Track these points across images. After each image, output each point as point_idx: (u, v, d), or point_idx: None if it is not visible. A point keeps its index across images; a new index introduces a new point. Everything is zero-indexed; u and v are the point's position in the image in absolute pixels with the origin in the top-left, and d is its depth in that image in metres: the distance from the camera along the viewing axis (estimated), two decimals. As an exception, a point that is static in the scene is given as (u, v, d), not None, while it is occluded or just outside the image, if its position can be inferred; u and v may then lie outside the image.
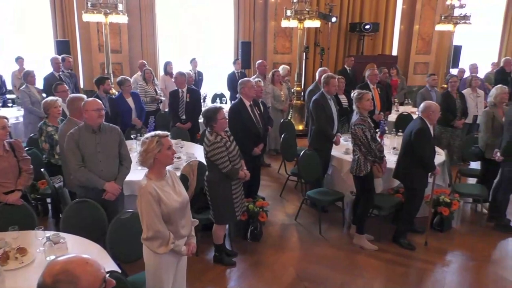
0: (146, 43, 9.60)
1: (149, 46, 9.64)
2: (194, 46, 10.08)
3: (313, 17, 8.37)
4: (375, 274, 4.25)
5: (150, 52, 9.66)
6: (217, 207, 4.02)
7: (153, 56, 9.72)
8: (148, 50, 9.63)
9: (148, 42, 9.61)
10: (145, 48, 9.61)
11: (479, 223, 5.33)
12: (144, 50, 9.62)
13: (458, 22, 9.35)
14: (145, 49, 9.62)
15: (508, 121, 4.88)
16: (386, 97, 6.96)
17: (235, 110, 4.95)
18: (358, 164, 4.46)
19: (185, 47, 10.04)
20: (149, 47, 9.64)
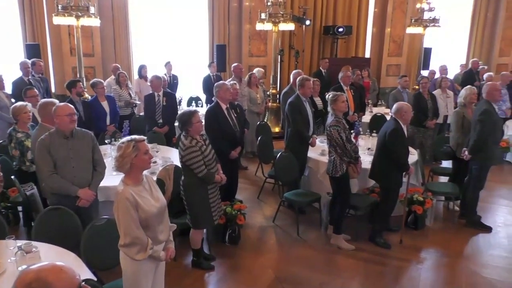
0: (119, 46, 9.45)
1: (122, 49, 9.49)
2: (168, 49, 9.99)
3: (287, 20, 8.43)
4: (353, 273, 4.30)
5: (124, 56, 9.52)
6: (193, 211, 3.99)
7: (127, 59, 9.57)
8: (122, 54, 9.49)
9: (122, 45, 9.47)
10: (118, 51, 9.46)
11: (451, 220, 5.48)
12: (117, 53, 9.47)
13: (427, 25, 9.61)
14: (118, 53, 9.46)
15: (475, 120, 5.04)
16: (359, 98, 7.08)
17: (211, 114, 4.94)
18: (334, 165, 4.51)
19: (159, 51, 9.93)
20: (122, 50, 9.49)
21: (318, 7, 10.44)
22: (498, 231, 5.21)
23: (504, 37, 12.49)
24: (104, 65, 9.34)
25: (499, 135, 5.34)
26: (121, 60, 9.31)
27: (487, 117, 4.89)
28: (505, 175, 7.24)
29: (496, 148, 5.28)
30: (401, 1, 11.07)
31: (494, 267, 4.44)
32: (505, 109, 7.88)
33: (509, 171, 7.41)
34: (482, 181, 5.18)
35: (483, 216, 5.39)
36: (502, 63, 12.58)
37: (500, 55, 12.62)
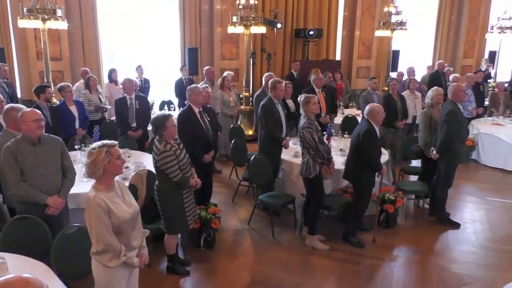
0: (88, 49, 9.25)
1: (91, 53, 9.29)
2: (139, 53, 9.85)
3: (259, 23, 8.47)
4: (328, 273, 4.35)
5: (93, 59, 9.32)
6: (168, 217, 3.94)
7: (96, 63, 9.38)
8: (91, 57, 9.28)
9: (91, 49, 9.27)
10: (87, 55, 9.26)
11: (422, 218, 5.62)
12: (86, 57, 9.26)
13: (395, 28, 9.84)
14: (87, 56, 9.26)
15: (441, 120, 5.20)
16: (331, 100, 7.18)
17: (184, 117, 4.90)
18: (307, 167, 4.56)
19: (130, 54, 9.78)
20: (91, 54, 9.29)
21: (289, 10, 10.54)
22: (466, 227, 5.38)
23: (468, 40, 12.94)
24: (73, 69, 9.12)
25: (465, 134, 5.53)
26: (90, 64, 9.12)
27: (452, 117, 5.05)
28: (471, 172, 7.49)
29: (462, 147, 5.46)
30: (369, 5, 11.31)
31: (463, 262, 4.58)
32: (471, 109, 8.17)
33: (474, 169, 7.67)
34: (450, 180, 5.34)
35: (451, 213, 5.56)
36: (466, 64, 13.03)
37: (464, 56, 13.07)
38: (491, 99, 8.92)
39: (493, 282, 4.10)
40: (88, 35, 9.17)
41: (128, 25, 9.83)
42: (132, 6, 9.73)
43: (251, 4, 8.33)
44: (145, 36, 9.99)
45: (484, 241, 5.07)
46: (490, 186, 6.85)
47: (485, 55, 12.85)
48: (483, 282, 4.18)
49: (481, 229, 5.36)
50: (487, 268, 4.46)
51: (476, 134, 7.87)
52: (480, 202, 6.20)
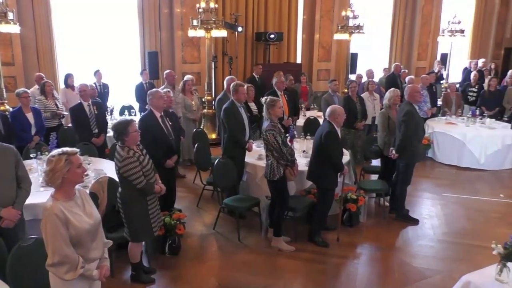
0: (42, 54, 8.90)
1: (46, 58, 8.94)
2: (97, 57, 9.59)
3: (220, 26, 8.47)
4: (295, 274, 4.39)
5: (48, 64, 8.97)
6: (132, 224, 3.85)
7: (52, 68, 9.04)
8: (46, 62, 8.93)
9: (45, 54, 8.92)
10: (42, 60, 8.90)
11: (383, 215, 5.79)
12: (41, 62, 8.91)
13: (353, 31, 10.11)
14: (42, 61, 8.91)
15: (399, 121, 5.39)
16: (293, 103, 7.28)
17: (145, 122, 4.81)
18: (271, 169, 4.59)
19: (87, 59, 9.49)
20: (46, 58, 8.94)
21: (250, 14, 10.60)
22: (424, 222, 5.59)
23: (421, 43, 13.48)
24: (27, 75, 8.75)
25: (422, 134, 5.75)
26: (45, 69, 8.78)
27: (409, 118, 5.25)
28: (428, 170, 7.79)
29: (420, 146, 5.67)
30: (327, 9, 11.56)
31: (422, 256, 4.76)
32: (426, 109, 8.50)
33: (431, 167, 7.99)
34: (409, 177, 5.53)
35: (410, 209, 5.76)
36: (420, 66, 13.57)
37: (419, 59, 13.60)
38: (444, 99, 9.34)
39: (450, 274, 4.28)
40: (43, 39, 8.83)
41: (86, 29, 9.54)
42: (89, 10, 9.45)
43: (211, 7, 8.31)
44: (103, 40, 9.73)
45: (441, 235, 5.29)
46: (445, 182, 7.16)
47: (437, 57, 13.42)
48: (442, 274, 4.35)
49: (438, 223, 5.59)
50: (445, 261, 4.65)
51: (431, 133, 8.20)
52: (436, 198, 6.46)
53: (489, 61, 13.30)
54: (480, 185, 7.04)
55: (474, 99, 9.31)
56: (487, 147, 7.68)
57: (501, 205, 6.22)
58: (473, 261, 4.38)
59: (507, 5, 14.75)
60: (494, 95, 8.84)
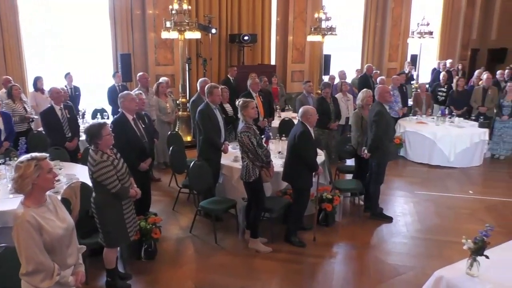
0: (10, 57, 8.61)
1: (14, 61, 8.66)
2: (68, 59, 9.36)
3: (193, 28, 8.42)
4: (272, 274, 4.41)
5: (16, 67, 8.69)
6: (107, 230, 3.78)
7: (20, 71, 8.76)
8: (13, 65, 8.65)
9: (13, 56, 8.64)
10: (9, 62, 8.62)
11: (358, 214, 5.88)
12: (8, 64, 8.62)
13: (325, 33, 10.24)
14: (9, 64, 8.62)
15: (370, 121, 5.50)
16: (268, 104, 7.31)
17: (117, 125, 4.72)
18: (247, 171, 4.60)
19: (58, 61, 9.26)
20: (14, 61, 8.66)
21: (223, 15, 10.58)
22: (398, 220, 5.71)
23: (392, 44, 13.80)
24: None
25: (392, 133, 5.88)
26: (12, 72, 8.50)
27: (380, 118, 5.36)
28: (400, 169, 7.97)
29: (391, 145, 5.80)
30: (300, 11, 11.67)
31: (397, 253, 4.86)
32: (397, 109, 8.70)
33: (403, 165, 8.17)
34: (382, 176, 5.65)
35: (384, 207, 5.87)
36: (391, 67, 13.87)
37: (390, 60, 13.91)
38: (414, 99, 9.57)
39: (423, 270, 4.38)
40: (10, 40, 8.55)
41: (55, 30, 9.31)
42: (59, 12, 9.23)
43: (184, 9, 8.25)
44: (74, 42, 9.51)
45: (414, 232, 5.41)
46: (417, 180, 7.33)
47: (407, 58, 13.75)
48: (415, 270, 4.46)
49: (411, 221, 5.72)
50: (418, 257, 4.77)
51: (403, 133, 8.38)
52: (409, 196, 6.62)
53: (457, 62, 13.75)
54: (450, 182, 7.25)
55: (443, 99, 9.58)
56: (456, 145, 7.92)
57: (470, 202, 6.42)
58: (445, 257, 4.49)
59: (473, 7, 15.27)
60: (462, 94, 9.12)
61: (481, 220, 5.56)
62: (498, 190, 6.88)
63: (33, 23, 9.09)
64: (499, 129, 8.43)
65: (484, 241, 2.98)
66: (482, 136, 8.05)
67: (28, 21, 8.95)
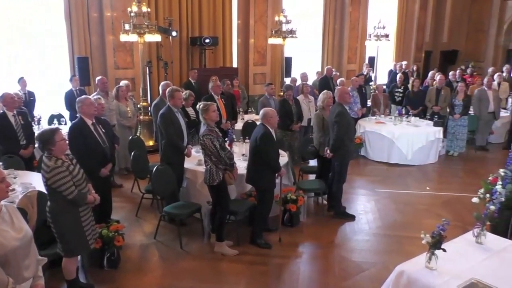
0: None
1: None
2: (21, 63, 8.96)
3: (153, 31, 8.29)
4: (238, 277, 4.40)
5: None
6: (65, 238, 3.65)
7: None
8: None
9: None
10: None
11: (322, 213, 5.98)
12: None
13: (286, 36, 10.38)
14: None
15: (332, 122, 5.61)
16: (231, 106, 7.31)
17: (76, 130, 4.59)
18: (210, 174, 4.57)
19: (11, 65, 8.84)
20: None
21: (184, 18, 10.48)
22: (360, 218, 5.86)
23: (350, 47, 14.16)
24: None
25: (353, 133, 6.02)
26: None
27: (341, 118, 5.49)
28: (361, 168, 8.18)
29: (352, 145, 5.93)
30: (261, 14, 11.76)
31: (360, 250, 4.98)
32: (356, 110, 8.92)
33: (364, 164, 8.39)
34: (344, 175, 5.77)
35: (347, 206, 6.01)
36: (350, 69, 14.24)
37: (348, 62, 14.27)
38: (373, 100, 9.85)
39: (386, 265, 4.51)
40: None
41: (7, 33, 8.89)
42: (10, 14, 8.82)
43: (143, 11, 8.12)
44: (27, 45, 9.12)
45: (376, 229, 5.57)
46: (377, 178, 7.55)
47: (365, 60, 14.16)
48: (378, 266, 4.58)
49: (373, 218, 5.88)
50: (380, 253, 4.91)
51: (363, 133, 8.61)
52: (370, 194, 6.80)
53: (412, 63, 14.28)
54: (409, 179, 7.51)
55: (400, 99, 9.92)
56: (413, 143, 8.22)
57: (427, 197, 6.68)
58: (405, 252, 4.64)
59: (425, 12, 15.94)
60: (418, 95, 9.48)
61: (438, 215, 5.79)
62: (452, 185, 7.21)
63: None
64: (452, 127, 8.84)
65: (441, 235, 3.11)
66: (437, 134, 8.40)
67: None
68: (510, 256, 3.35)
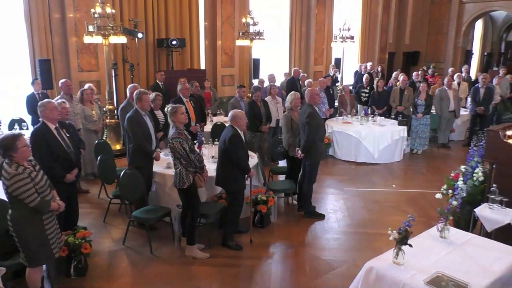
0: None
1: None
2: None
3: (118, 33, 8.13)
4: (210, 280, 4.38)
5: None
6: (28, 248, 3.52)
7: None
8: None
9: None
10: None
11: (292, 213, 6.03)
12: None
13: (253, 38, 10.42)
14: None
15: (303, 123, 5.68)
16: (200, 109, 7.26)
17: (38, 135, 4.43)
18: (180, 177, 4.53)
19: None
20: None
21: (150, 20, 10.33)
22: (330, 217, 5.95)
23: (317, 48, 14.35)
24: None
25: (323, 133, 6.11)
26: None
27: (311, 119, 5.56)
28: (329, 167, 8.30)
29: (322, 145, 6.01)
30: (228, 16, 11.75)
31: (330, 249, 5.06)
32: (324, 110, 9.06)
33: (332, 164, 8.53)
34: (315, 175, 5.85)
35: (316, 205, 6.08)
36: (317, 70, 14.43)
37: (315, 63, 14.46)
38: (339, 101, 10.04)
39: (355, 262, 4.60)
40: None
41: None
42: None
43: (108, 13, 7.94)
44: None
45: (345, 227, 5.67)
46: (345, 177, 7.69)
47: (332, 61, 14.40)
48: (348, 264, 4.67)
49: (342, 216, 5.99)
50: (350, 251, 5.00)
51: (330, 133, 8.75)
52: (339, 193, 6.92)
53: (376, 64, 14.62)
54: (375, 177, 7.69)
55: (366, 99, 10.15)
56: (379, 142, 8.43)
57: (394, 195, 6.87)
58: (374, 248, 4.74)
59: (388, 14, 16.39)
60: (382, 95, 9.73)
61: (404, 211, 5.97)
62: (417, 182, 7.44)
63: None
64: (415, 126, 9.12)
65: (407, 231, 3.20)
66: (401, 133, 8.65)
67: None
68: (472, 249, 3.49)
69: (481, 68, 18.70)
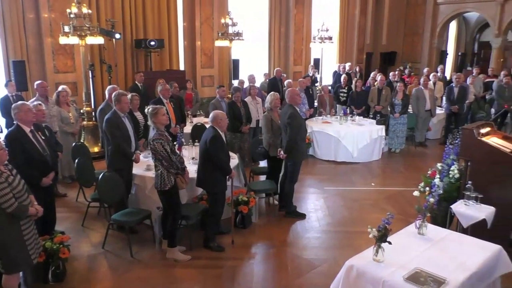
0: None
1: None
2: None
3: (95, 33, 8.00)
4: (192, 282, 4.36)
5: None
6: (5, 254, 3.44)
7: None
8: None
9: None
10: None
11: (273, 213, 6.06)
12: None
13: (233, 38, 10.41)
14: None
15: (285, 124, 5.70)
16: (179, 110, 7.22)
17: (12, 139, 4.33)
18: (162, 179, 4.49)
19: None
20: None
21: (127, 20, 10.20)
22: (310, 216, 5.99)
23: (296, 49, 14.43)
24: None
25: (304, 133, 6.16)
26: None
27: (293, 120, 5.59)
28: (310, 167, 8.36)
29: (303, 145, 6.05)
30: (207, 16, 11.70)
31: (311, 248, 5.10)
32: (304, 110, 9.12)
33: (312, 163, 8.59)
34: (296, 175, 5.89)
35: (297, 205, 6.12)
36: (297, 71, 14.52)
37: (295, 64, 14.54)
38: (319, 101, 10.13)
39: (336, 260, 4.66)
40: None
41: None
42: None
43: (84, 13, 7.81)
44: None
45: (326, 225, 5.73)
46: (325, 177, 7.76)
47: (311, 62, 14.51)
48: (328, 262, 4.72)
49: (323, 215, 6.04)
50: (331, 249, 5.05)
51: (310, 132, 8.81)
52: (319, 192, 6.98)
53: (354, 65, 14.80)
54: (355, 176, 7.79)
55: (345, 99, 10.27)
56: (358, 142, 8.54)
57: (373, 193, 6.97)
58: (354, 246, 4.80)
59: (365, 15, 16.62)
60: (361, 95, 9.86)
61: (383, 209, 6.06)
62: (395, 180, 7.57)
63: None
64: (393, 125, 9.28)
65: (386, 229, 3.26)
66: (380, 132, 8.78)
67: None
68: (449, 245, 3.58)
69: (455, 68, 19.13)
